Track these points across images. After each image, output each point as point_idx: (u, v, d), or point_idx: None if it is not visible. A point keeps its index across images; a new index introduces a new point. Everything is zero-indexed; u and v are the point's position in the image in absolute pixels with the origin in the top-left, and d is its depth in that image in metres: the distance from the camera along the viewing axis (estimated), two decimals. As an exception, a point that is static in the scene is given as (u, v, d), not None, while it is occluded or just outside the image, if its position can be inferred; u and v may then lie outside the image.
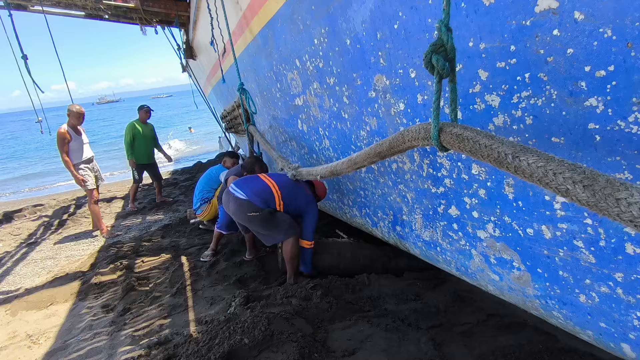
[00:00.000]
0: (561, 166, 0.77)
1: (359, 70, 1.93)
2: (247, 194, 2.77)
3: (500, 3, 1.11)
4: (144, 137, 6.07)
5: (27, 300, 3.41)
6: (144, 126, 6.11)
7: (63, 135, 4.76)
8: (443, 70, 0.99)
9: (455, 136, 0.99)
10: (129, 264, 3.85)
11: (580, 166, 0.76)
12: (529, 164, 0.82)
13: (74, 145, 4.89)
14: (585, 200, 0.73)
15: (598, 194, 0.71)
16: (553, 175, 0.77)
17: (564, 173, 0.76)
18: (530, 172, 0.82)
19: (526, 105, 1.17)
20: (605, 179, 0.71)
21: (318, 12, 2.03)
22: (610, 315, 1.23)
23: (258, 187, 2.82)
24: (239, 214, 2.80)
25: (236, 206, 2.79)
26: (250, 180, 2.94)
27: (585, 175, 0.74)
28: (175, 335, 2.40)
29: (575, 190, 0.74)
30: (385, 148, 1.32)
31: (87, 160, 5.09)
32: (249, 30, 3.10)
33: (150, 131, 6.22)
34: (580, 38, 0.96)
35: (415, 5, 1.40)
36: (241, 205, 2.76)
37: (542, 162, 0.80)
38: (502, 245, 1.54)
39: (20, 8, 5.96)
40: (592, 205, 0.72)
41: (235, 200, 2.79)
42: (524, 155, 0.84)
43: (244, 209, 2.75)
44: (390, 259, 2.97)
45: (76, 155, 4.93)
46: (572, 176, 0.75)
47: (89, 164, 5.10)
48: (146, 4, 5.94)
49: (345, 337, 2.03)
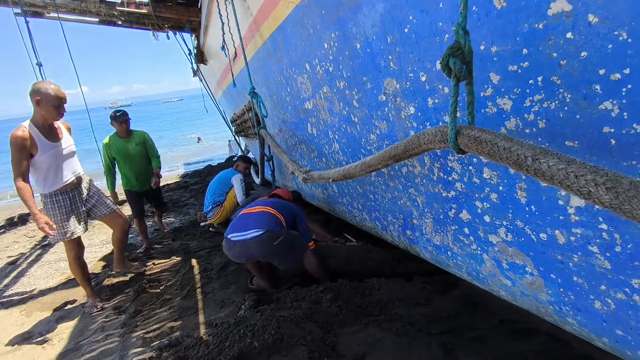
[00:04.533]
0: (583, 168, 0.76)
1: (369, 74, 1.93)
2: (258, 228, 2.66)
3: (513, 6, 1.11)
4: (128, 155, 4.29)
5: (42, 301, 3.48)
6: (125, 141, 4.30)
7: (20, 141, 2.64)
8: (460, 73, 0.99)
9: (472, 139, 0.99)
10: (139, 264, 3.90)
11: (602, 168, 0.74)
12: (550, 166, 0.80)
13: (41, 159, 2.76)
14: (608, 203, 0.71)
15: (622, 196, 0.69)
16: (575, 178, 0.76)
17: (585, 175, 0.75)
18: (550, 175, 0.81)
19: (539, 108, 1.16)
20: (629, 180, 0.70)
21: (328, 17, 2.04)
22: (626, 323, 1.21)
23: (261, 218, 2.74)
24: (264, 249, 2.63)
25: (258, 244, 2.62)
26: (245, 218, 2.81)
27: (608, 177, 0.72)
28: (186, 337, 2.42)
29: (598, 193, 0.72)
30: (400, 151, 1.32)
31: (69, 186, 2.97)
32: (259, 35, 3.13)
33: (137, 146, 4.35)
34: (594, 41, 0.95)
35: (426, 9, 1.40)
36: (263, 240, 2.62)
37: (562, 164, 0.79)
38: (514, 250, 1.53)
39: (36, 15, 6.12)
40: (616, 207, 0.70)
41: (253, 241, 2.62)
42: (544, 158, 0.82)
43: (269, 241, 2.62)
44: (400, 263, 2.96)
45: (46, 179, 2.85)
46: (595, 178, 0.73)
47: (70, 192, 2.99)
48: (158, 10, 6.05)
49: (355, 342, 2.03)
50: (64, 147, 2.93)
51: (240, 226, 2.75)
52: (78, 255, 3.14)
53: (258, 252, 2.65)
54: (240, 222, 2.80)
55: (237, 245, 2.69)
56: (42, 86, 2.73)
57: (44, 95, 2.71)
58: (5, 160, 21.46)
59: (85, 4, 5.85)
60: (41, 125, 2.78)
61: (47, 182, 2.86)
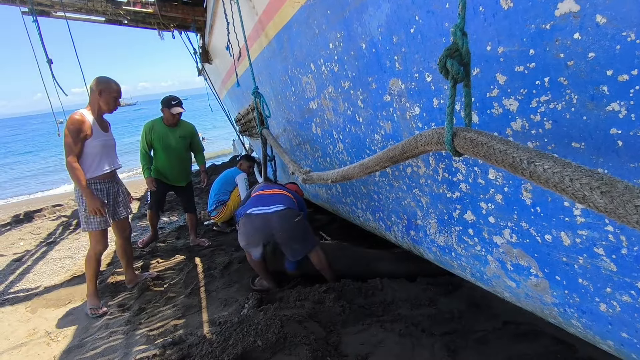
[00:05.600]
0: (578, 172, 0.75)
1: (374, 74, 1.93)
2: (280, 204, 2.70)
3: (520, 6, 1.10)
4: (169, 147, 4.01)
5: (46, 298, 3.50)
6: (170, 130, 4.03)
7: (78, 124, 2.83)
8: (458, 75, 0.98)
9: (469, 141, 0.99)
10: (144, 264, 3.92)
11: (597, 172, 0.74)
12: (545, 169, 0.80)
13: (92, 145, 2.92)
14: (603, 207, 0.71)
15: (616, 201, 0.69)
16: (570, 181, 0.76)
17: (581, 179, 0.74)
18: (546, 178, 0.80)
19: (545, 109, 1.16)
20: (624, 185, 0.70)
21: (333, 17, 2.05)
22: (632, 325, 1.20)
23: (281, 197, 2.80)
24: (286, 224, 2.65)
25: (281, 218, 2.65)
26: (265, 197, 2.85)
27: (603, 181, 0.72)
28: (189, 335, 2.43)
29: (593, 197, 0.72)
30: (397, 152, 1.32)
31: (107, 176, 3.07)
32: (264, 35, 3.13)
33: (180, 139, 4.07)
34: (602, 42, 0.95)
35: (432, 9, 1.40)
36: (286, 215, 2.66)
37: (558, 167, 0.78)
38: (519, 252, 1.52)
39: (44, 14, 6.16)
40: (610, 212, 0.70)
41: (276, 214, 2.66)
42: (539, 161, 0.82)
43: (291, 217, 2.66)
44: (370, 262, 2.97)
45: (92, 165, 2.95)
46: (590, 182, 0.73)
47: (107, 183, 3.08)
48: (164, 9, 6.08)
49: (358, 342, 2.03)
50: (110, 138, 3.14)
51: (262, 202, 2.79)
52: (101, 252, 3.13)
53: (279, 225, 2.64)
54: (260, 200, 2.84)
55: (259, 218, 2.68)
56: (105, 79, 3.02)
57: (107, 87, 2.97)
58: (10, 160, 21.70)
59: (92, 3, 5.89)
60: (96, 114, 3.00)
61: (92, 168, 2.96)
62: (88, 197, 2.86)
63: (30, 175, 15.85)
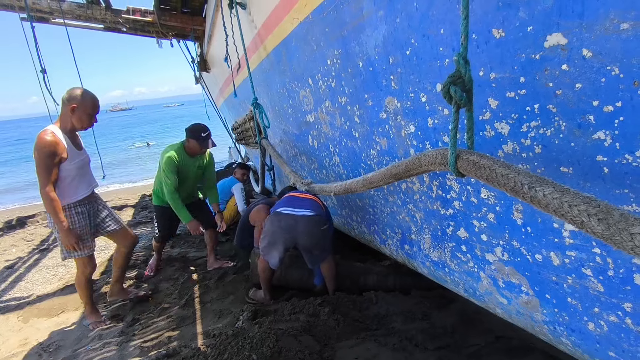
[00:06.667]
0: (576, 198, 0.79)
1: (371, 92, 1.97)
2: (311, 209, 2.70)
3: (511, 36, 1.15)
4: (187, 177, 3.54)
5: (39, 307, 3.47)
6: (192, 160, 3.53)
7: (51, 147, 2.45)
8: (461, 101, 1.03)
9: (472, 163, 1.02)
10: (138, 274, 3.90)
11: (594, 199, 0.78)
12: (545, 195, 0.84)
13: (68, 169, 2.58)
14: (600, 233, 0.75)
15: (612, 228, 0.72)
16: (568, 207, 0.79)
17: (579, 206, 0.78)
18: (546, 203, 0.84)
19: (535, 134, 1.20)
20: (620, 213, 0.73)
21: (332, 35, 2.09)
22: (619, 345, 1.23)
23: (312, 203, 2.78)
24: (312, 229, 2.64)
25: (309, 222, 2.65)
26: (297, 200, 2.83)
27: (600, 208, 0.75)
28: (184, 347, 2.42)
29: (591, 223, 0.76)
30: (401, 170, 1.36)
31: (87, 198, 2.79)
32: (263, 48, 3.18)
33: (198, 169, 3.62)
34: (588, 74, 0.99)
35: (427, 33, 1.44)
36: (314, 221, 2.66)
37: (557, 193, 0.82)
38: (510, 270, 1.55)
39: (42, 20, 6.19)
40: (607, 238, 0.74)
41: (304, 218, 2.66)
42: (539, 186, 0.86)
43: (318, 224, 2.66)
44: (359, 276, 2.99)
45: (69, 189, 2.65)
46: (587, 209, 0.76)
47: (87, 205, 2.80)
48: (163, 18, 6.12)
49: (352, 356, 2.04)
50: (85, 156, 2.79)
51: (293, 204, 2.78)
52: (92, 273, 2.93)
53: (306, 229, 2.63)
54: (291, 201, 2.82)
55: (288, 218, 2.68)
56: (81, 93, 2.59)
57: (82, 103, 2.58)
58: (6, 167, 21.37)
59: (91, 11, 5.92)
60: (68, 132, 2.63)
61: (70, 193, 2.66)
62: (63, 233, 2.56)
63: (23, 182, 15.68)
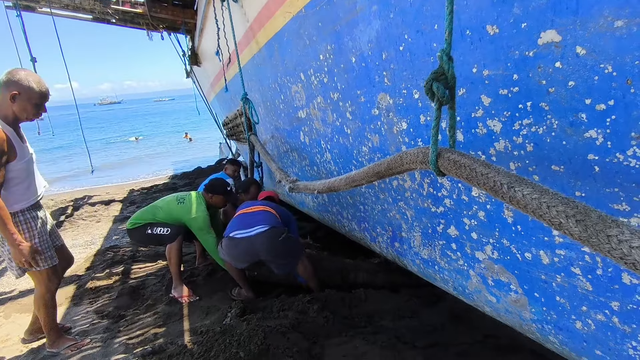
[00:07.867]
0: (555, 199, 0.78)
1: (363, 88, 1.96)
2: (263, 224, 2.66)
3: (504, 33, 1.14)
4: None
5: (21, 302, 3.39)
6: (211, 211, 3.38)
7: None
8: (443, 98, 1.01)
9: (452, 162, 1.01)
10: (124, 270, 3.84)
11: (573, 200, 0.77)
12: (524, 195, 0.83)
13: (18, 169, 2.19)
14: (577, 235, 0.74)
15: (590, 230, 0.72)
16: (547, 208, 0.79)
17: (557, 206, 0.77)
18: (524, 203, 0.83)
19: (527, 132, 1.19)
20: (597, 214, 0.72)
21: (325, 29, 2.07)
22: (605, 344, 1.24)
23: (264, 216, 2.75)
24: (271, 244, 2.60)
25: (265, 239, 2.60)
26: (246, 217, 2.79)
27: (578, 210, 0.75)
28: (170, 344, 2.38)
29: (568, 225, 0.75)
30: (383, 168, 1.34)
31: (39, 203, 2.42)
32: (255, 42, 3.14)
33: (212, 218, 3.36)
34: (581, 72, 0.99)
35: (421, 29, 1.43)
36: (270, 235, 2.61)
37: (536, 194, 0.81)
38: (499, 268, 1.55)
39: (28, 9, 6.03)
40: (585, 240, 0.73)
41: (260, 236, 2.61)
42: (519, 186, 0.85)
43: (275, 236, 2.61)
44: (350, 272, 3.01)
45: (25, 192, 2.26)
46: (565, 210, 0.76)
47: (41, 210, 2.42)
48: (154, 10, 6.02)
49: (341, 354, 2.03)
50: (30, 152, 2.31)
51: (244, 224, 2.73)
52: (57, 288, 2.49)
53: (264, 247, 2.61)
54: (241, 221, 2.78)
55: (243, 242, 2.65)
56: (22, 77, 2.13)
57: (25, 90, 2.13)
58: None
59: (79, 1, 5.79)
60: (11, 123, 2.17)
61: (22, 197, 2.24)
62: (13, 247, 2.12)
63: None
